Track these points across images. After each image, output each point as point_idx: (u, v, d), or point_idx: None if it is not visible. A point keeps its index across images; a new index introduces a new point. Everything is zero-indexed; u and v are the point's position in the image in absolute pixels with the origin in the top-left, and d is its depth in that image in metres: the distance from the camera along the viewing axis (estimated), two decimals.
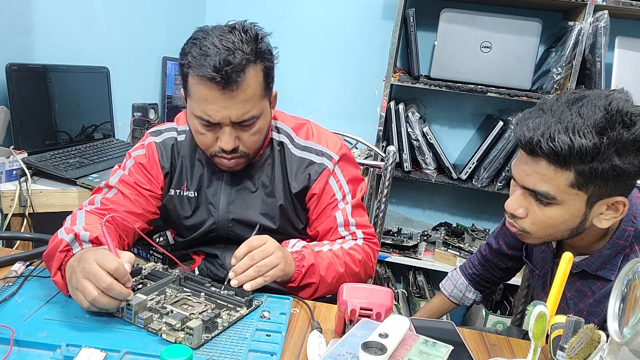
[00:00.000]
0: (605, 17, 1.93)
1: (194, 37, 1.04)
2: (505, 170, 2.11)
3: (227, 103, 1.01)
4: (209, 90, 1.00)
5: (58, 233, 0.96)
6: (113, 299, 0.83)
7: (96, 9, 1.92)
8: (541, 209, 0.92)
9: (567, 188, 0.87)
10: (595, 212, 0.90)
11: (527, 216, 0.94)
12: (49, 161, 1.56)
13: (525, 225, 0.95)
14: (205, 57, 0.99)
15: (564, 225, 0.92)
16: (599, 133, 0.82)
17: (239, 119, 1.03)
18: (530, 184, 0.90)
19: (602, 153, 0.83)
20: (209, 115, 1.03)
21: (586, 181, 0.85)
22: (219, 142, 1.06)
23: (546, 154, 0.85)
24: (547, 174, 0.87)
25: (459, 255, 2.24)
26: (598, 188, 0.86)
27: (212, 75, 0.98)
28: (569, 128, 0.83)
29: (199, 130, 1.07)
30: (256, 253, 0.97)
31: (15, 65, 1.54)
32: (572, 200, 0.88)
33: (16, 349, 0.77)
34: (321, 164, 1.18)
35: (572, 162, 0.84)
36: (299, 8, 2.49)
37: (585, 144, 0.82)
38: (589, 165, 0.84)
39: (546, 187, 0.88)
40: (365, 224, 1.20)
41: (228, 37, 1.01)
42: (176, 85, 2.34)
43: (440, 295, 1.43)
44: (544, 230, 0.94)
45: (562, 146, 0.83)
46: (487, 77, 2.09)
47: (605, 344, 0.71)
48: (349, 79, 2.51)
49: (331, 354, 0.73)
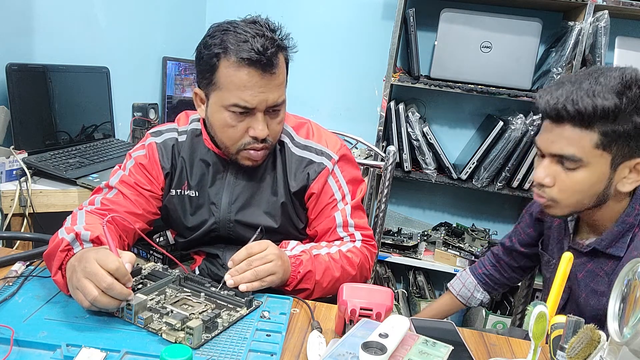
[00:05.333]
0: (606, 17, 1.93)
1: (221, 28, 1.06)
2: (505, 170, 2.11)
3: (265, 87, 1.04)
4: (248, 75, 1.03)
5: (59, 233, 0.96)
6: (113, 299, 0.83)
7: (96, 9, 1.92)
8: (568, 175, 0.96)
9: (593, 149, 0.92)
10: (619, 176, 0.96)
11: (554, 185, 0.99)
12: (49, 161, 1.56)
13: (554, 194, 0.99)
14: (244, 42, 1.02)
15: (591, 189, 0.96)
16: (617, 95, 0.89)
17: (273, 103, 1.07)
18: (557, 149, 0.95)
19: (622, 112, 0.89)
20: (247, 101, 1.04)
21: (610, 141, 0.91)
22: (252, 131, 1.08)
23: (571, 116, 0.91)
24: (573, 136, 0.93)
25: (459, 255, 2.24)
26: (621, 149, 0.92)
27: (257, 57, 1.01)
28: (590, 92, 0.90)
29: (229, 123, 1.08)
30: (255, 260, 0.97)
31: (16, 65, 1.54)
32: (597, 162, 0.93)
33: (16, 348, 0.77)
34: (320, 163, 1.18)
35: (596, 123, 0.90)
36: (299, 8, 2.49)
37: (607, 104, 0.89)
38: (611, 125, 0.90)
39: (573, 150, 0.93)
40: (364, 226, 1.20)
41: (256, 27, 1.05)
42: (176, 85, 2.34)
43: (447, 294, 1.44)
44: (572, 197, 0.98)
45: (586, 107, 0.89)
46: (487, 77, 2.09)
47: (605, 343, 0.71)
48: (349, 79, 2.51)
49: (331, 354, 0.73)
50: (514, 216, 2.51)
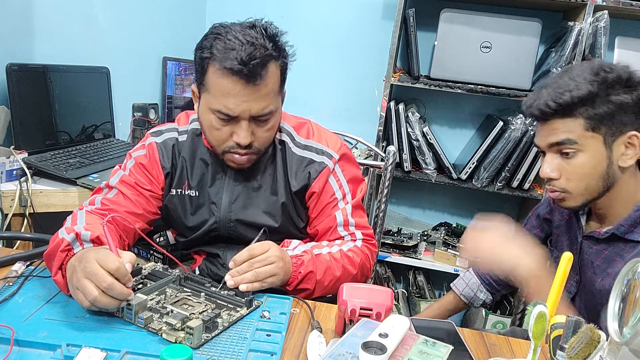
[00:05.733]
0: (605, 17, 1.93)
1: (215, 32, 1.05)
2: (505, 170, 2.11)
3: (248, 97, 1.03)
4: (232, 83, 1.02)
5: (59, 233, 0.96)
6: (113, 299, 0.83)
7: (96, 9, 1.92)
8: (569, 163, 1.03)
9: (583, 132, 1.01)
10: (617, 154, 1.02)
11: (561, 176, 1.05)
12: (49, 161, 1.56)
13: (563, 184, 1.05)
14: (230, 50, 1.01)
15: (594, 171, 1.02)
16: (590, 82, 1.00)
17: (258, 113, 1.05)
18: (552, 139, 1.04)
19: (598, 96, 0.99)
20: (229, 109, 1.04)
21: (596, 123, 1.00)
22: (235, 137, 1.07)
23: (555, 110, 1.01)
24: (562, 126, 1.02)
25: (459, 255, 2.24)
26: (609, 127, 1.00)
27: (238, 67, 1.00)
28: (565, 87, 1.01)
29: (214, 126, 1.07)
30: (256, 261, 0.97)
31: (16, 65, 1.54)
32: (591, 143, 1.01)
33: (16, 348, 0.77)
34: (321, 162, 1.18)
35: (577, 110, 1.00)
36: (299, 8, 2.49)
37: (581, 92, 0.99)
38: (592, 109, 1.00)
39: (566, 135, 1.02)
40: (364, 225, 1.20)
41: (250, 33, 1.03)
42: (176, 85, 2.34)
43: (451, 294, 1.44)
44: (580, 183, 1.04)
45: (565, 99, 1.00)
46: (487, 77, 2.09)
47: (605, 343, 0.71)
48: (349, 79, 2.51)
49: (331, 354, 0.73)
50: (514, 216, 2.51)
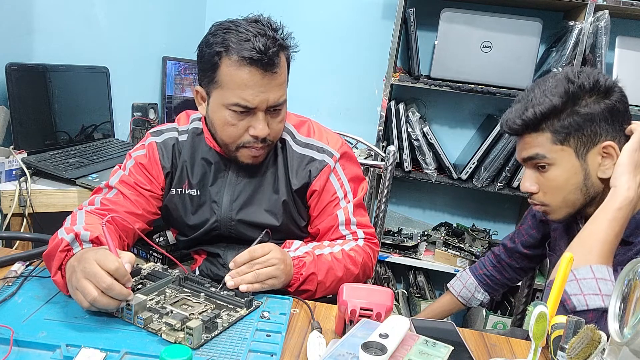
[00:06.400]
0: (606, 17, 1.92)
1: (223, 26, 1.06)
2: (506, 170, 2.11)
3: (266, 87, 1.04)
4: (249, 74, 1.03)
5: (58, 233, 0.96)
6: (113, 299, 0.82)
7: (96, 9, 1.92)
8: (544, 176, 1.03)
9: (552, 145, 1.00)
10: (594, 165, 1.00)
11: (539, 190, 1.05)
12: (49, 161, 1.56)
13: (542, 198, 1.05)
14: (245, 41, 1.02)
15: (568, 184, 1.01)
16: (554, 96, 0.99)
17: (275, 103, 1.07)
18: (525, 154, 1.04)
19: (562, 109, 0.98)
20: (247, 101, 1.04)
21: (564, 136, 0.99)
22: (252, 130, 1.08)
23: (522, 127, 1.02)
24: (532, 140, 1.03)
25: (459, 255, 2.24)
26: (578, 139, 0.99)
27: (258, 56, 1.01)
28: (530, 103, 1.01)
29: (230, 122, 1.08)
30: (257, 263, 0.97)
31: (15, 65, 1.54)
32: (562, 156, 1.01)
33: (16, 349, 0.77)
34: (322, 160, 1.18)
35: (543, 125, 1.00)
36: (299, 8, 2.49)
37: (543, 107, 0.99)
38: (557, 122, 0.99)
39: (536, 150, 1.02)
40: (366, 224, 1.20)
41: (258, 26, 1.05)
42: (176, 85, 2.34)
43: (448, 295, 1.44)
44: (556, 196, 1.03)
45: (528, 116, 1.00)
46: (487, 77, 2.09)
47: (605, 344, 0.71)
48: (349, 78, 2.51)
49: (331, 354, 0.73)
50: (514, 216, 2.51)
